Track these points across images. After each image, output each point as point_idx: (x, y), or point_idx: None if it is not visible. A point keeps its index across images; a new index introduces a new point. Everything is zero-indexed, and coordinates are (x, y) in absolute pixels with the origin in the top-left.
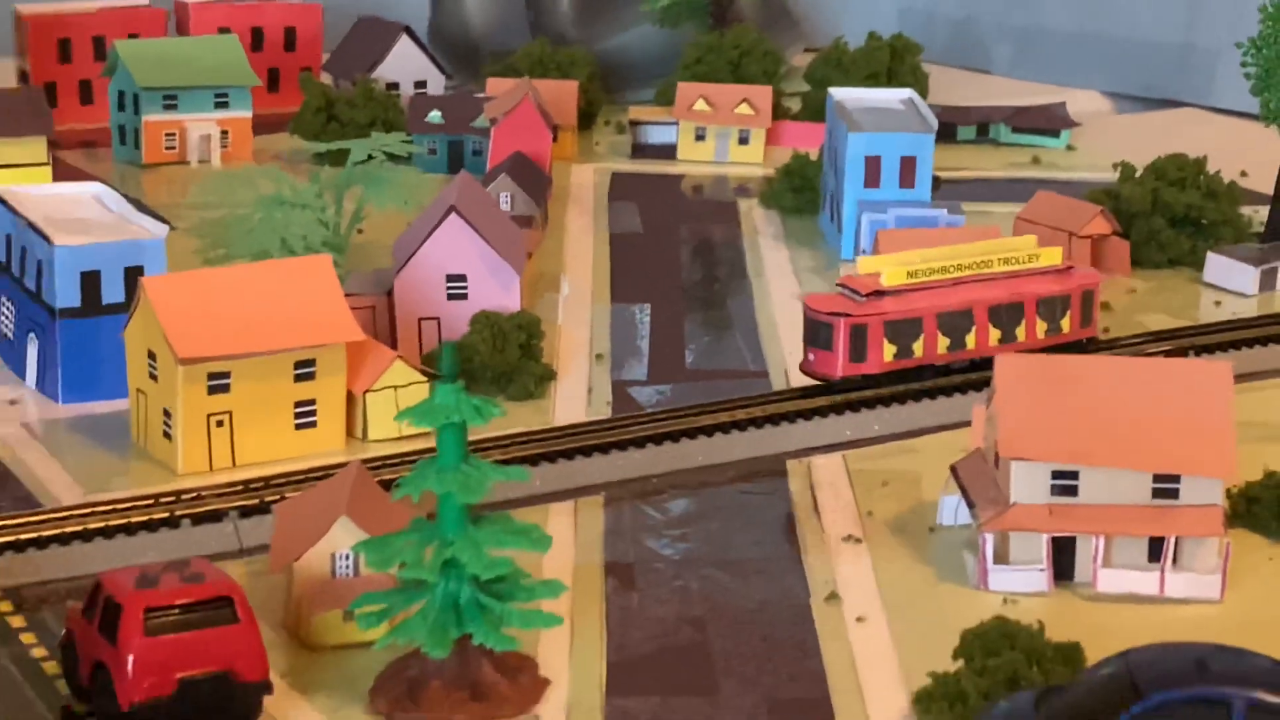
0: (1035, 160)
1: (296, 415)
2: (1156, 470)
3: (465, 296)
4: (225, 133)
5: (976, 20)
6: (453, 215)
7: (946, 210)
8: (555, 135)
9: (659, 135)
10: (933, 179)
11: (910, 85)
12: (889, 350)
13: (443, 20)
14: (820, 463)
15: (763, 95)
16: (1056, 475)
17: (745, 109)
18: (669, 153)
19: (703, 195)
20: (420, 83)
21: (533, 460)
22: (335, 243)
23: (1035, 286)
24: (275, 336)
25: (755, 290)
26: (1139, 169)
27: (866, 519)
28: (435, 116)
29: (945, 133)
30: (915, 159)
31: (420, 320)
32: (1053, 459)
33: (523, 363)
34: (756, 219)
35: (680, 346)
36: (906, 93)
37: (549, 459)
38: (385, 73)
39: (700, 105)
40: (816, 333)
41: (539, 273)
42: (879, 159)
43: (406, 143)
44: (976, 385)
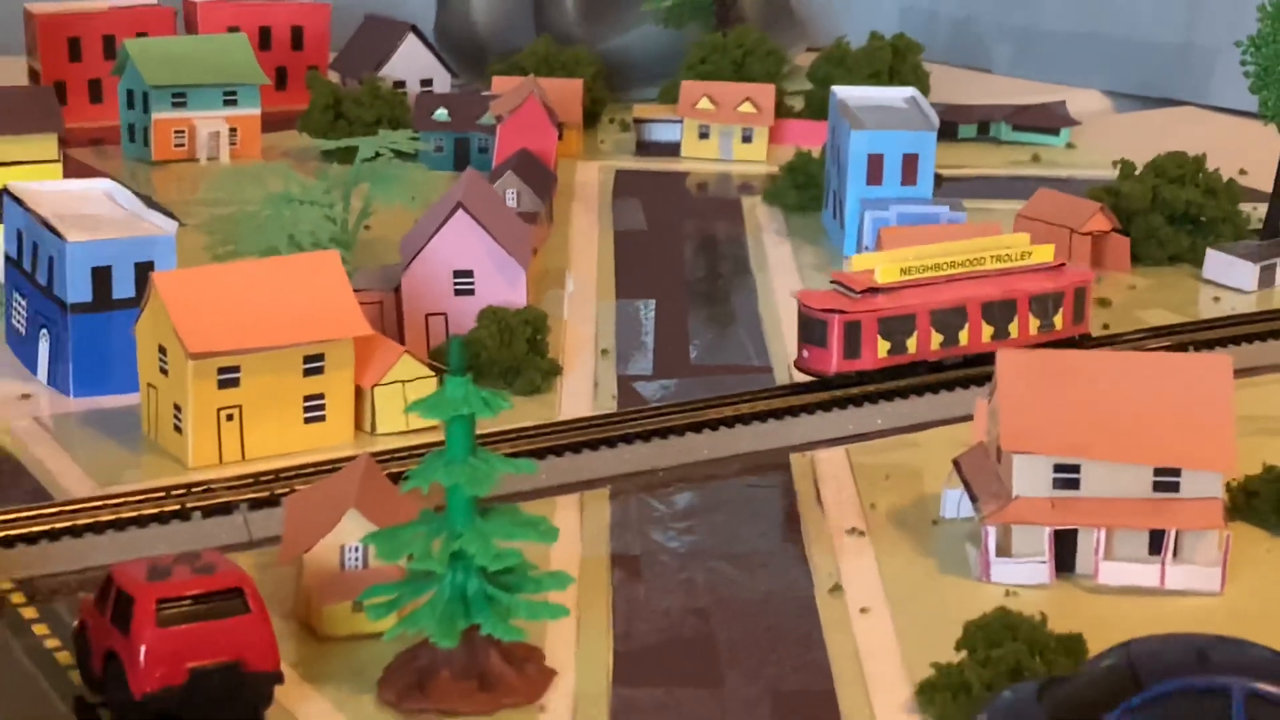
0: (1035, 158)
1: (305, 409)
2: (1157, 464)
3: (472, 292)
4: (234, 130)
5: (977, 20)
6: (460, 212)
7: (948, 207)
8: (560, 133)
9: (663, 133)
10: (934, 176)
11: (912, 84)
12: (883, 346)
13: (448, 19)
14: (823, 457)
15: (766, 94)
16: (1058, 469)
17: (748, 107)
18: (673, 150)
19: (707, 192)
20: (426, 81)
21: (539, 454)
22: (343, 239)
23: (1028, 284)
24: (284, 331)
25: (759, 286)
26: (1139, 167)
27: (870, 512)
28: (441, 114)
29: (946, 131)
30: (917, 156)
31: (427, 316)
32: (1054, 453)
33: (529, 357)
34: (760, 216)
35: (685, 342)
36: (909, 91)
37: (555, 452)
38: (392, 71)
39: (704, 103)
40: (811, 329)
41: (544, 269)
42: (881, 156)
43: (414, 140)
44: (978, 380)
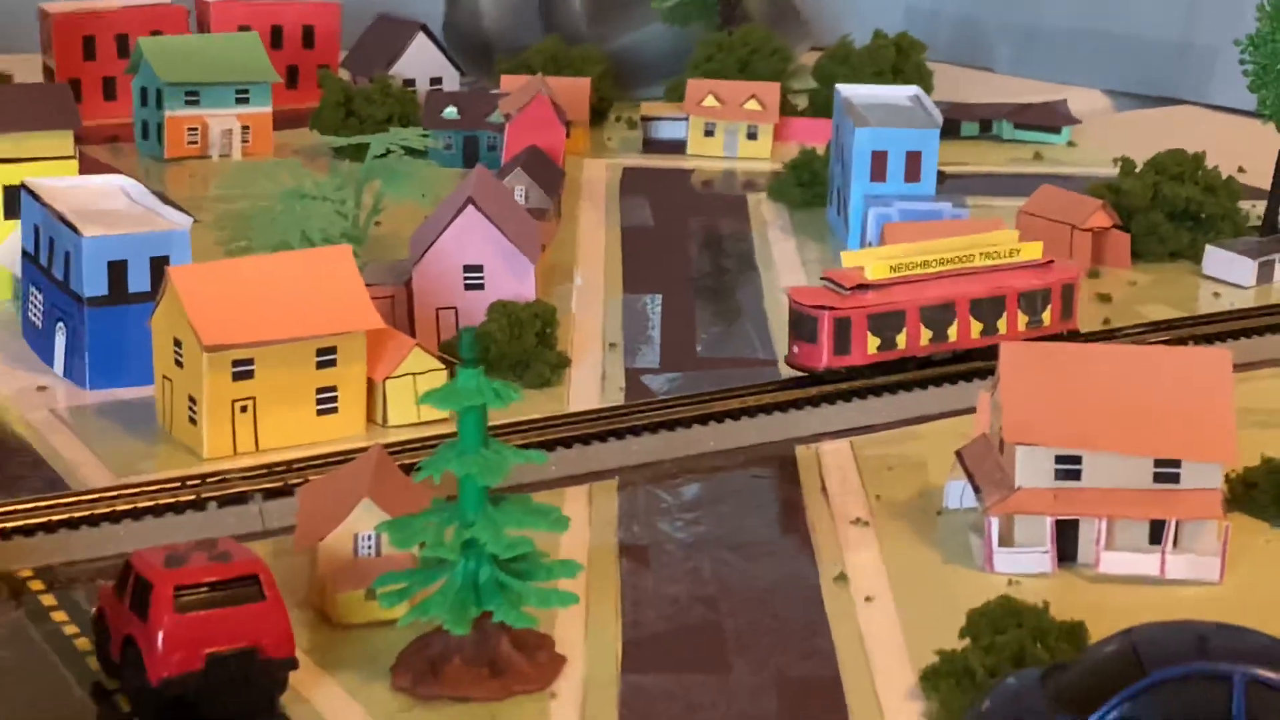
0: (1037, 156)
1: (318, 401)
2: (1158, 455)
3: (482, 287)
4: (246, 127)
5: (980, 20)
6: (470, 207)
7: (951, 204)
8: (568, 131)
9: (669, 131)
10: (938, 174)
11: (915, 83)
12: (872, 343)
13: (457, 19)
14: (828, 448)
15: (771, 92)
16: (1060, 460)
17: (754, 105)
18: (679, 148)
19: (712, 189)
20: (436, 79)
21: (548, 445)
22: (354, 235)
23: (1016, 280)
24: (297, 325)
25: (764, 281)
26: (1139, 164)
27: (874, 503)
28: (451, 112)
29: (949, 129)
30: (921, 154)
31: (438, 310)
32: (1056, 444)
33: (538, 351)
34: (765, 212)
35: (691, 335)
36: (913, 89)
37: (564, 444)
38: (402, 69)
39: (710, 101)
40: (801, 325)
41: (553, 264)
42: (885, 154)
43: (424, 137)
44: (981, 373)
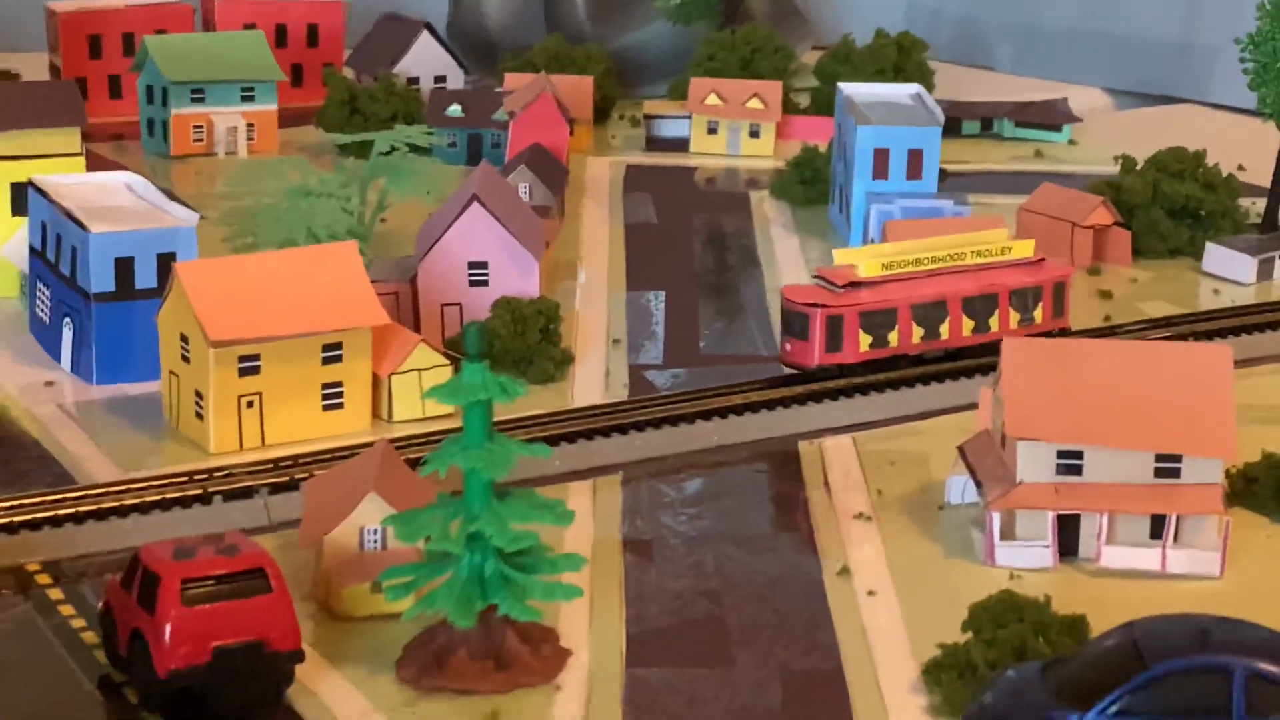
0: (1038, 154)
1: (324, 397)
2: (1159, 450)
3: (486, 283)
4: (251, 125)
5: (980, 19)
6: (475, 204)
7: (953, 202)
8: (572, 129)
9: (672, 129)
10: (939, 171)
11: (916, 82)
12: (864, 340)
13: (461, 17)
14: (831, 444)
15: (773, 90)
16: (1061, 455)
17: (756, 103)
18: (682, 146)
19: (715, 187)
20: (440, 77)
21: (553, 441)
22: (359, 231)
23: (1008, 278)
24: (303, 320)
25: (766, 278)
26: (1139, 162)
27: (876, 498)
28: (455, 110)
29: (950, 128)
30: (922, 152)
31: (443, 306)
32: (1058, 439)
33: (542, 347)
34: (767, 209)
35: (694, 332)
36: (914, 88)
37: (569, 439)
38: (406, 68)
39: (712, 100)
40: (793, 323)
41: (557, 261)
42: (887, 152)
43: (428, 134)
44: (983, 369)
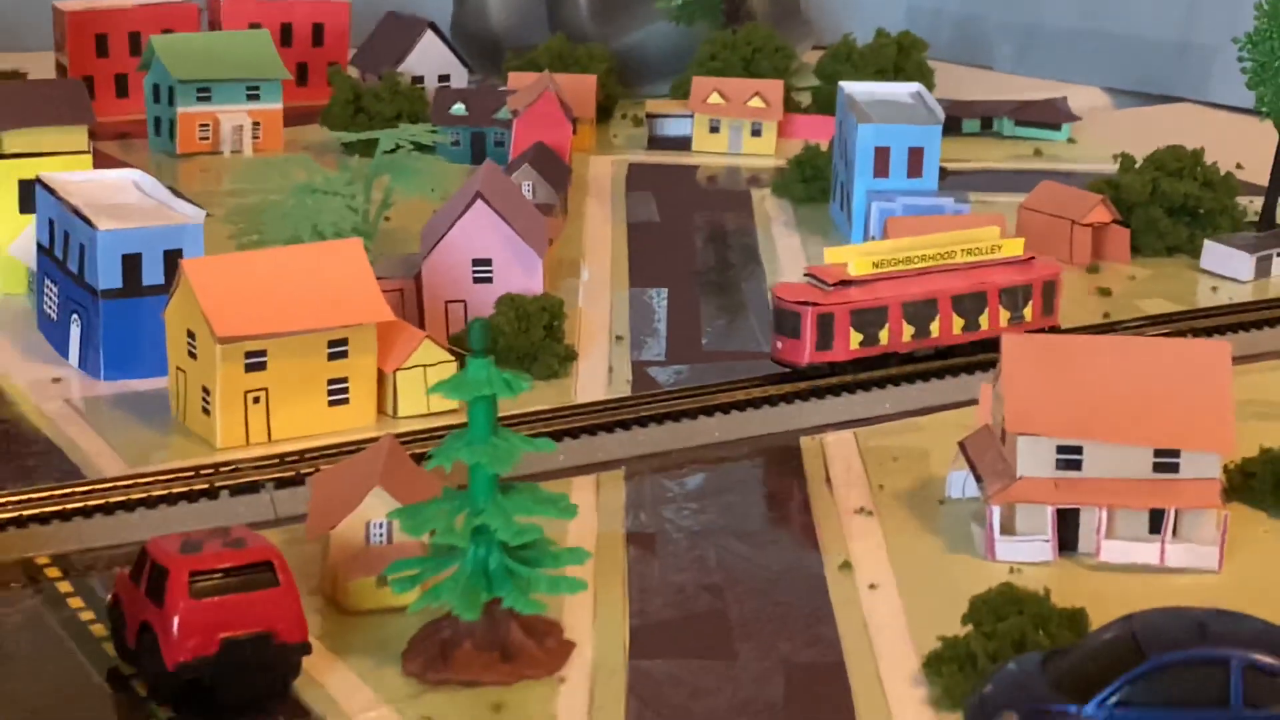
0: (1037, 152)
1: (330, 392)
2: (1157, 445)
3: (490, 280)
4: (257, 124)
5: (980, 18)
6: (479, 202)
7: (953, 199)
8: (575, 127)
9: (674, 128)
10: (939, 169)
11: (917, 81)
12: (855, 338)
13: (465, 17)
14: (832, 439)
15: (774, 89)
16: (1061, 450)
17: (758, 102)
18: (684, 144)
19: (717, 185)
20: (444, 76)
21: (557, 436)
22: (364, 229)
23: (998, 276)
24: (309, 317)
25: (768, 275)
26: (1138, 160)
27: (878, 493)
28: (459, 109)
29: (950, 126)
30: (923, 150)
31: (447, 303)
32: (1057, 434)
33: (546, 343)
34: (769, 207)
35: (696, 329)
36: (914, 86)
37: (572, 435)
38: (411, 67)
39: (714, 99)
40: (784, 321)
41: (560, 259)
42: (888, 150)
43: (433, 133)
44: (983, 366)
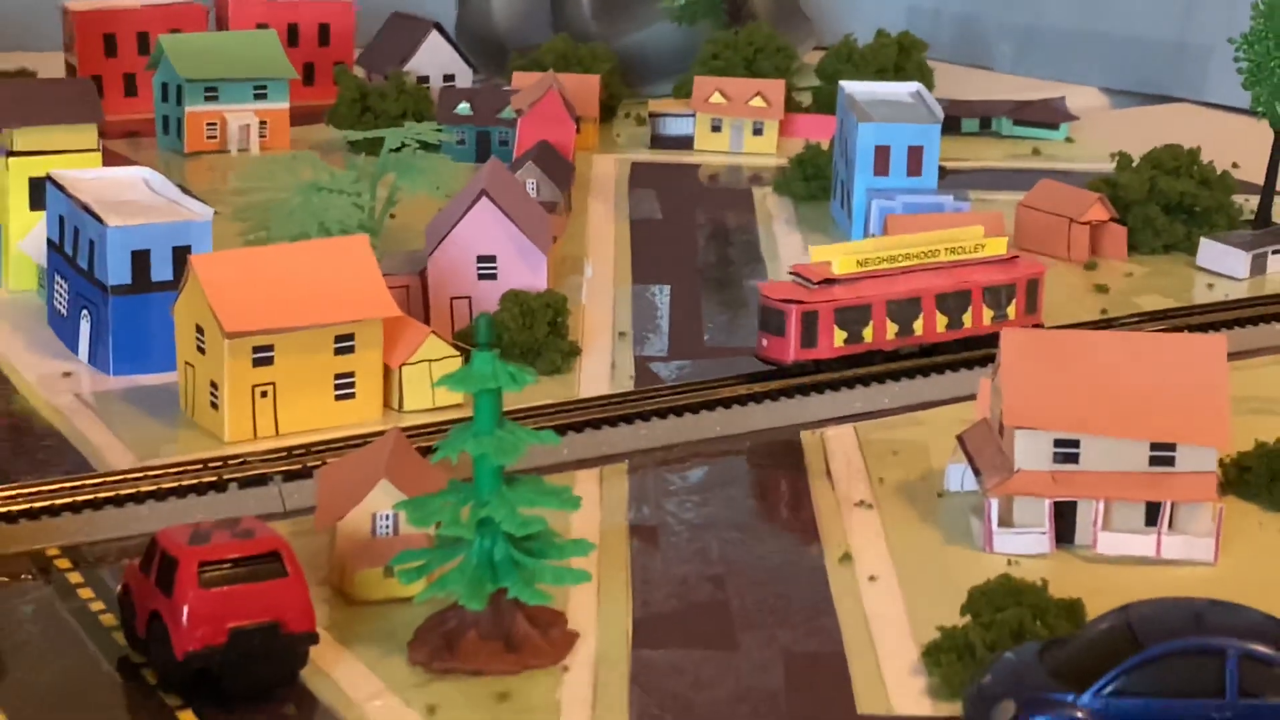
0: (1035, 152)
1: (336, 387)
2: (1154, 439)
3: (495, 276)
4: (263, 123)
5: (980, 19)
6: (484, 199)
7: (953, 197)
8: (578, 126)
9: (677, 127)
10: (939, 168)
11: (917, 81)
12: (839, 336)
13: (470, 17)
14: (833, 433)
15: (776, 89)
16: (1059, 444)
17: (759, 102)
18: (686, 143)
19: (719, 183)
20: (449, 76)
21: (561, 430)
22: (370, 226)
23: (981, 275)
24: (316, 312)
25: (769, 273)
26: (1136, 159)
27: (878, 486)
28: (464, 108)
29: (949, 126)
30: (922, 148)
31: (452, 299)
32: (1055, 428)
33: (550, 339)
34: (770, 205)
35: (698, 325)
36: (914, 86)
37: (576, 429)
38: (416, 66)
39: (716, 98)
40: (769, 319)
41: (563, 256)
42: (888, 148)
43: (438, 131)
44: (981, 361)
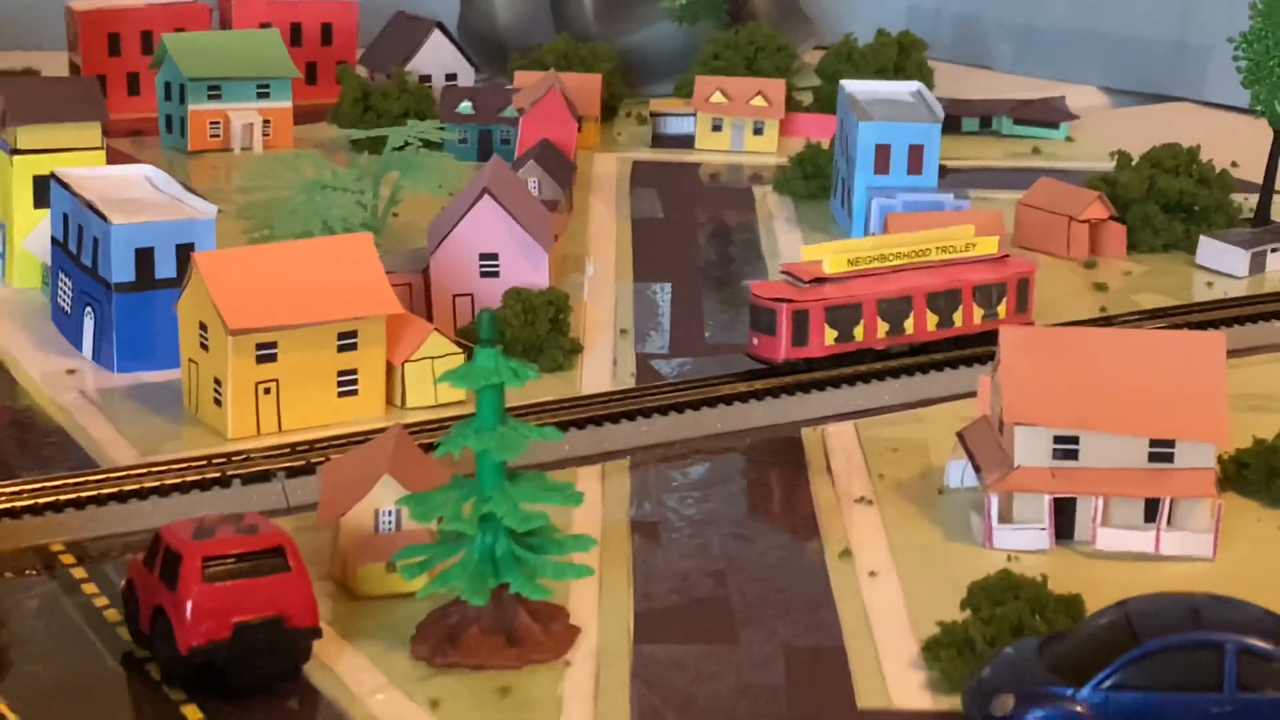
0: (1035, 151)
1: (339, 384)
2: (1153, 435)
3: (497, 274)
4: (267, 121)
5: (980, 18)
6: (486, 197)
7: (953, 195)
8: (580, 125)
9: (678, 126)
10: (939, 167)
11: (917, 80)
12: (829, 335)
13: (472, 17)
14: (833, 430)
15: (776, 88)
16: (1058, 440)
17: (760, 101)
18: (687, 142)
19: (719, 182)
20: (451, 75)
21: (563, 427)
22: (373, 224)
23: (972, 274)
24: (319, 309)
25: (770, 271)
26: (1135, 158)
27: (878, 482)
28: (466, 107)
29: (950, 125)
30: (923, 147)
31: (455, 296)
32: (1054, 424)
33: (552, 336)
34: (770, 204)
35: (699, 322)
36: (915, 85)
37: (578, 425)
38: (418, 66)
39: (717, 97)
40: (760, 317)
41: (565, 254)
42: (888, 147)
43: (440, 130)
44: (981, 359)
